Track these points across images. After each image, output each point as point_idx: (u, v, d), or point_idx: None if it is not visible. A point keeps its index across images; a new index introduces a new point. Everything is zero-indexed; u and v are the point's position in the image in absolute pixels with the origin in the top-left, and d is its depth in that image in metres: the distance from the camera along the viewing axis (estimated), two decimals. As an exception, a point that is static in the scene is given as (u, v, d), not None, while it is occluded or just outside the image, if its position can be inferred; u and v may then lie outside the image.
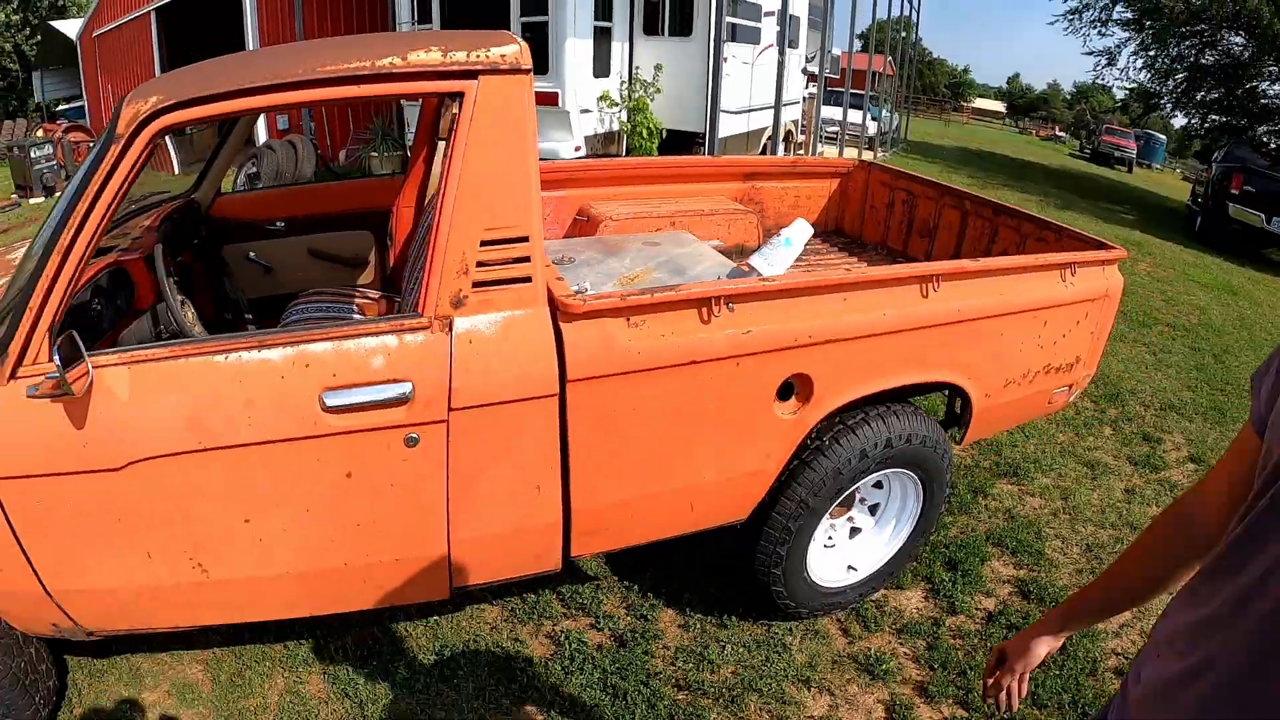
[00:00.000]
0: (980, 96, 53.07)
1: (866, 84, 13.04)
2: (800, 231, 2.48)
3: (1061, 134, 37.21)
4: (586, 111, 6.94)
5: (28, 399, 1.33)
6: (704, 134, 7.15)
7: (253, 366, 1.35)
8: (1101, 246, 2.48)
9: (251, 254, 2.41)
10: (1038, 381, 2.41)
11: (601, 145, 7.32)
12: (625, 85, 7.38)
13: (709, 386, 1.62)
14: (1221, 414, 4.08)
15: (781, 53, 8.03)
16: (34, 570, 1.46)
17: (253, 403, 1.35)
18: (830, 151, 11.83)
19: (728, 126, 7.73)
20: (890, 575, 2.40)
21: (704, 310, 1.55)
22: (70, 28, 14.54)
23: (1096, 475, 3.33)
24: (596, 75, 7.15)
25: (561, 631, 2.19)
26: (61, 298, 1.32)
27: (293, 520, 1.42)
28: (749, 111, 8.42)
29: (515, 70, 1.38)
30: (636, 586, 2.39)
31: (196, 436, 1.32)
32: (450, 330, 1.41)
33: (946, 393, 2.36)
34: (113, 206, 1.33)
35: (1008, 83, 64.29)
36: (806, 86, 11.63)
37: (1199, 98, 14.86)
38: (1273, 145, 13.47)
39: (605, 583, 2.41)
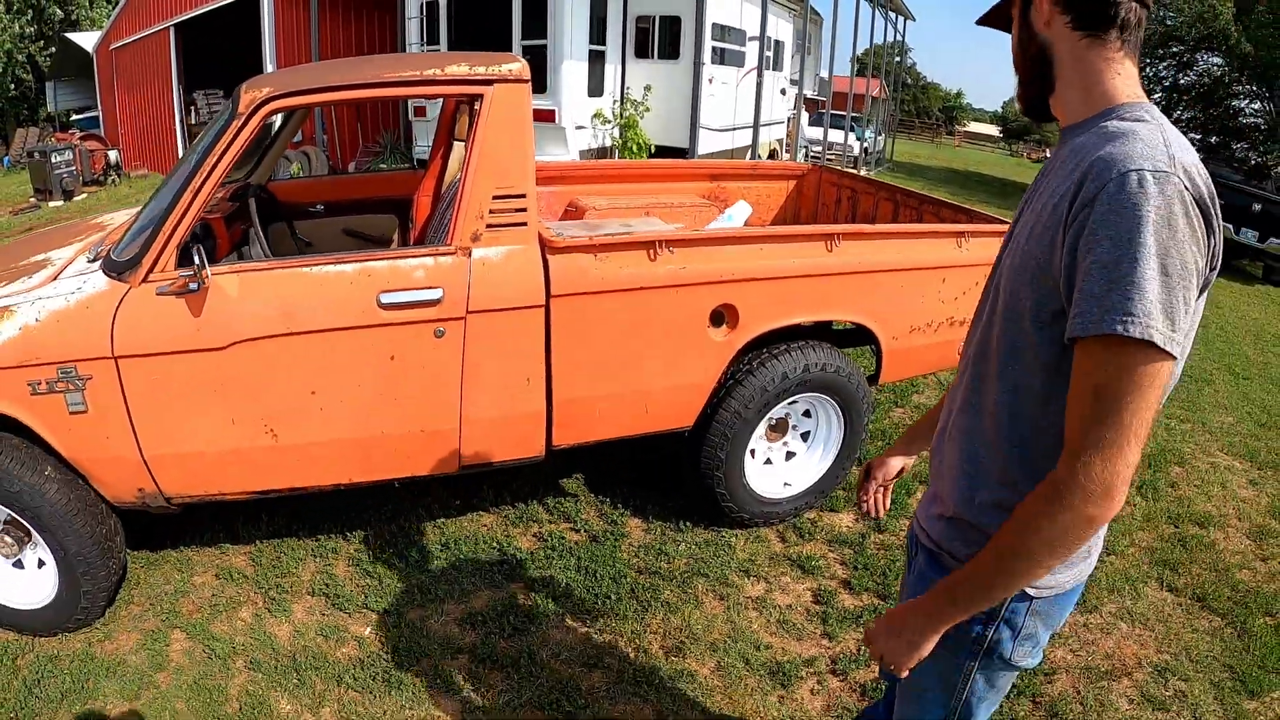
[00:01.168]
0: (975, 120, 54.44)
1: (848, 105, 13.84)
2: (740, 210, 3.10)
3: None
4: (581, 128, 7.64)
5: (157, 296, 1.93)
6: (689, 149, 7.85)
7: (330, 275, 1.96)
8: (1000, 222, 3.10)
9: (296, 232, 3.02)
10: (943, 331, 3.00)
11: (595, 159, 8.02)
12: (617, 104, 8.10)
13: (657, 310, 2.23)
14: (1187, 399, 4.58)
15: (760, 75, 8.77)
16: (136, 437, 2.03)
17: (328, 299, 1.95)
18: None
19: (710, 143, 8.44)
20: (823, 494, 2.98)
21: (651, 250, 2.17)
22: (86, 40, 15.39)
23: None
24: (591, 94, 7.85)
25: (546, 532, 2.76)
26: (188, 225, 1.91)
27: (348, 393, 2.00)
28: (732, 130, 9.14)
29: (519, 80, 2.01)
30: (609, 500, 2.96)
31: (285, 323, 1.91)
32: (470, 255, 2.02)
33: (874, 347, 2.94)
34: (229, 164, 1.93)
35: (1003, 106, 65.96)
36: (792, 107, 12.40)
37: (1177, 117, 15.69)
38: (1252, 161, 14.21)
39: (583, 498, 2.98)
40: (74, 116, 16.66)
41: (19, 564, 2.26)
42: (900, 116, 19.31)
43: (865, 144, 14.58)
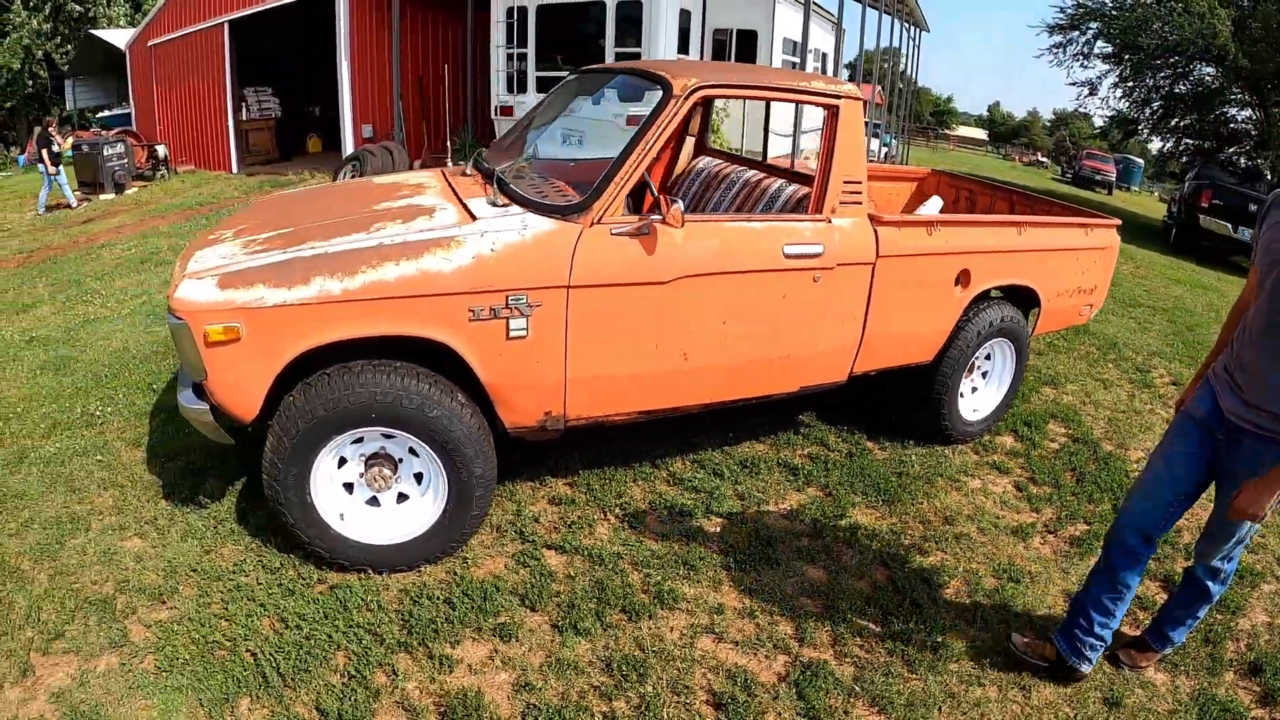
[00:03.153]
0: (962, 124, 56.99)
1: (870, 112, 15.12)
2: (934, 203, 4.21)
3: (1044, 159, 40.54)
4: (618, 116, 8.70)
5: (611, 236, 2.54)
6: (763, 152, 8.95)
7: (753, 229, 2.85)
8: (1107, 217, 4.22)
9: None
10: (1075, 297, 4.12)
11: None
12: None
13: (926, 271, 3.26)
14: (1195, 360, 5.84)
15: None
16: (566, 362, 2.56)
17: (750, 248, 2.80)
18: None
19: (776, 147, 9.55)
20: (997, 420, 4.06)
21: (929, 228, 3.23)
22: (117, 37, 15.95)
23: (1108, 386, 5.05)
24: (676, 101, 8.87)
25: (811, 453, 3.72)
26: (634, 181, 2.62)
27: (746, 324, 2.87)
28: (790, 135, 10.28)
29: (856, 98, 3.03)
30: (839, 432, 3.97)
31: (717, 263, 2.76)
32: (831, 222, 2.99)
33: (1036, 306, 3.98)
34: (669, 134, 2.67)
35: (989, 110, 68.94)
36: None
37: (1174, 123, 17.31)
38: (1243, 164, 15.74)
39: (819, 430, 4.00)
40: (101, 114, 17.18)
41: (374, 501, 2.61)
42: (903, 122, 20.65)
43: (888, 149, 15.90)
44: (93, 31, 17.16)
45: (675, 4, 8.47)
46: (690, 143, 4.53)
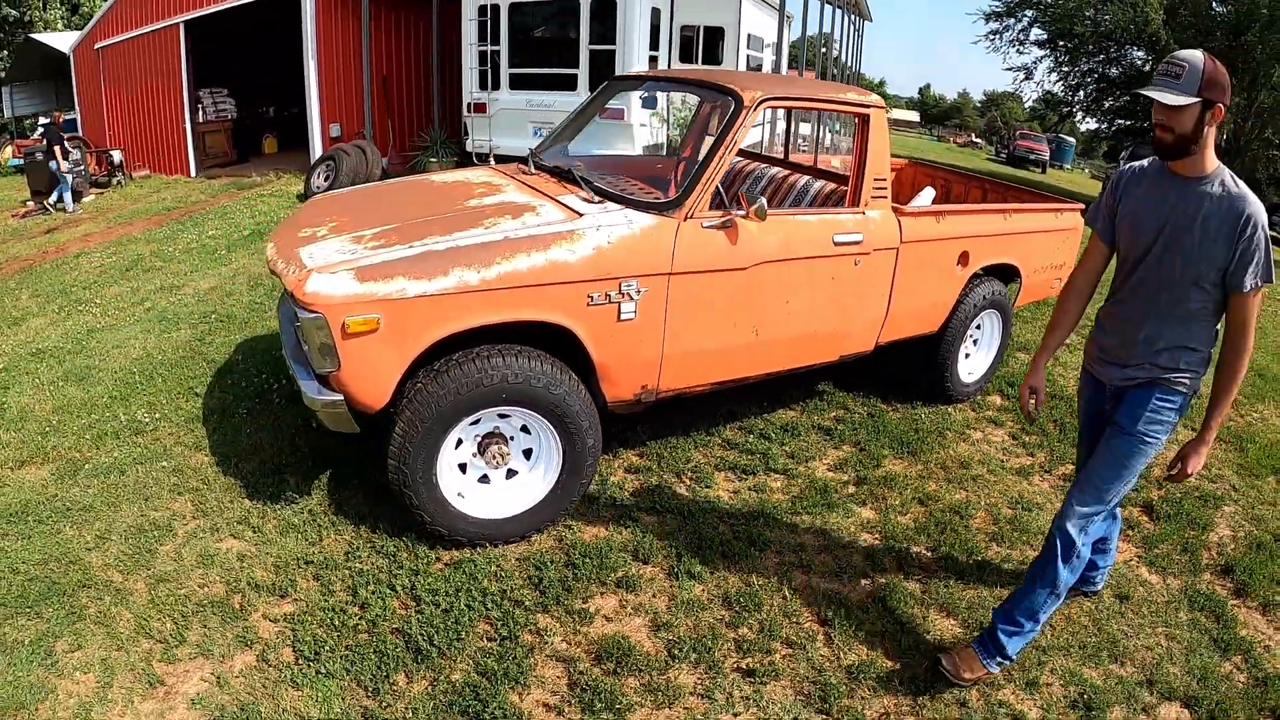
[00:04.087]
0: (895, 107, 58.95)
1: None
2: (927, 194, 4.79)
3: (978, 140, 42.38)
4: (644, 125, 9.14)
5: (703, 229, 2.98)
6: (785, 151, 9.48)
7: (810, 221, 3.34)
8: (1073, 202, 4.87)
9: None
10: (1049, 272, 4.75)
11: (653, 154, 9.51)
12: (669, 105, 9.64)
13: (935, 254, 3.83)
14: None
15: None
16: (664, 340, 3.13)
17: (808, 238, 3.27)
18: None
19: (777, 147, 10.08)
20: (988, 381, 4.68)
21: (938, 216, 3.79)
22: (57, 40, 15.44)
23: (1071, 350, 5.75)
24: (650, 96, 9.34)
25: (837, 415, 4.29)
26: (716, 180, 3.08)
27: (804, 302, 3.34)
28: (760, 125, 10.85)
29: (882, 107, 3.56)
30: (856, 398, 4.52)
31: (785, 251, 3.22)
32: (866, 214, 3.51)
33: (1018, 281, 4.62)
34: (740, 139, 3.16)
35: (920, 93, 71.37)
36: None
37: (1107, 105, 18.54)
38: None
39: (838, 397, 4.54)
40: (43, 120, 16.63)
41: (485, 479, 2.90)
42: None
43: (835, 135, 16.66)
44: (32, 35, 16.57)
45: (648, 2, 8.91)
46: (708, 140, 5.01)
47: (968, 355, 4.58)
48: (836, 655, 2.59)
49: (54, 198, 11.74)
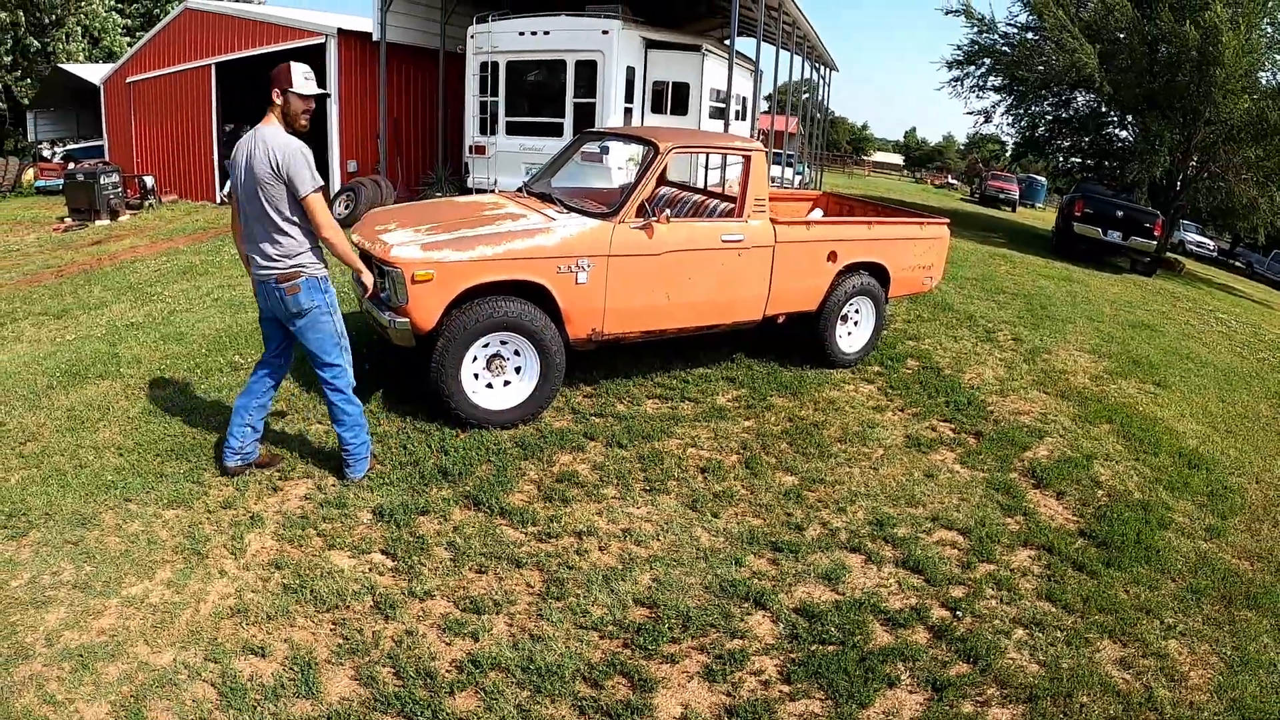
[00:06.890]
0: (879, 150, 61.99)
1: (783, 143, 17.82)
2: (817, 213, 6.57)
3: (954, 181, 44.91)
4: (621, 168, 10.97)
5: (630, 229, 4.81)
6: (703, 182, 11.30)
7: (705, 225, 5.16)
8: (937, 215, 6.64)
9: None
10: (916, 271, 6.49)
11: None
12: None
13: (808, 252, 5.55)
14: (1037, 327, 8.25)
15: (726, 126, 12.41)
16: (605, 298, 5.00)
17: (704, 236, 5.04)
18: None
19: (706, 180, 11.94)
20: (868, 353, 6.38)
21: (808, 226, 5.53)
22: (86, 72, 17.34)
23: (958, 340, 7.43)
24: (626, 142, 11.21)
25: (746, 373, 5.97)
26: (643, 199, 4.91)
27: (702, 279, 5.07)
28: (721, 168, 12.72)
29: (761, 150, 5.32)
30: (755, 363, 6.20)
31: (687, 244, 4.98)
32: (748, 223, 5.26)
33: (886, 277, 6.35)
34: (657, 173, 5.03)
35: (905, 136, 74.68)
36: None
37: (1061, 145, 20.49)
38: (1127, 179, 18.68)
39: (744, 362, 6.21)
40: (70, 147, 18.49)
41: (489, 385, 4.60)
42: (818, 150, 23.59)
43: (801, 176, 18.63)
44: (61, 65, 18.53)
45: (623, 62, 10.81)
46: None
47: (850, 333, 6.28)
48: (708, 485, 4.26)
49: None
